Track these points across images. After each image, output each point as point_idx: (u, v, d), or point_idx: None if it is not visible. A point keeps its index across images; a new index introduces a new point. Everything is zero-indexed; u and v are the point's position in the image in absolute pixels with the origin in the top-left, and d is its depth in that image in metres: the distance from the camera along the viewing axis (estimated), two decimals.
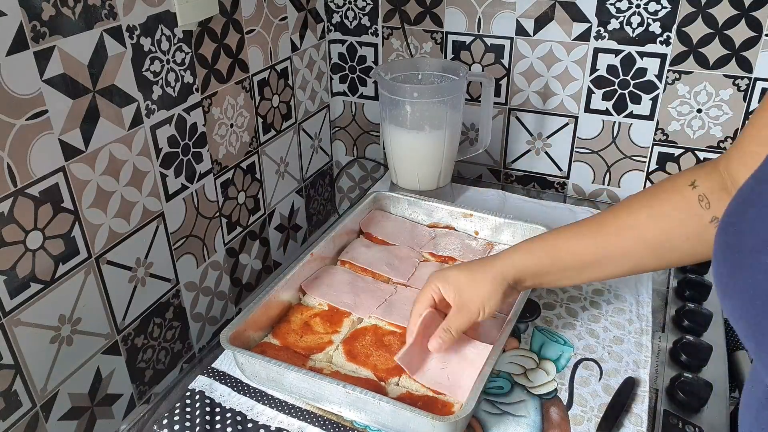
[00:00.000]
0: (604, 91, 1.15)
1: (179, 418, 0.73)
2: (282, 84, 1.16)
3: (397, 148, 1.14)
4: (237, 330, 0.76)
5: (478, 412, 0.74)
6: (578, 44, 1.13)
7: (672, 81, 1.10)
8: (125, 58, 0.80)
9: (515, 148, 1.28)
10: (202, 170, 0.98)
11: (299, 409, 0.74)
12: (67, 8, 0.71)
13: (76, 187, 0.77)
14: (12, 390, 0.73)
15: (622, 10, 1.08)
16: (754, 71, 1.04)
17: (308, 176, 1.32)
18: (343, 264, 0.95)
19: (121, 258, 0.86)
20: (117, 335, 0.87)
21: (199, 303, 1.04)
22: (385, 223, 1.04)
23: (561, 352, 0.82)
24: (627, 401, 0.74)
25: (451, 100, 1.08)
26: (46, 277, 0.75)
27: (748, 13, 1.00)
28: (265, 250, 1.21)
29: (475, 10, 1.17)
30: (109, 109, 0.79)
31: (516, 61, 1.19)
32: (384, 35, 1.26)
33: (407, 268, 0.94)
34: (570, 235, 0.73)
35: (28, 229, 0.72)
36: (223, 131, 1.02)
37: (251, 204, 1.13)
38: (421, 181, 1.15)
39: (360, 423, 0.72)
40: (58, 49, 0.71)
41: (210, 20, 0.93)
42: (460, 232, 1.02)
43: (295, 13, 1.16)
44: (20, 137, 0.69)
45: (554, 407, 0.75)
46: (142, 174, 0.86)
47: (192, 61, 0.92)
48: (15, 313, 0.72)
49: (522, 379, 0.79)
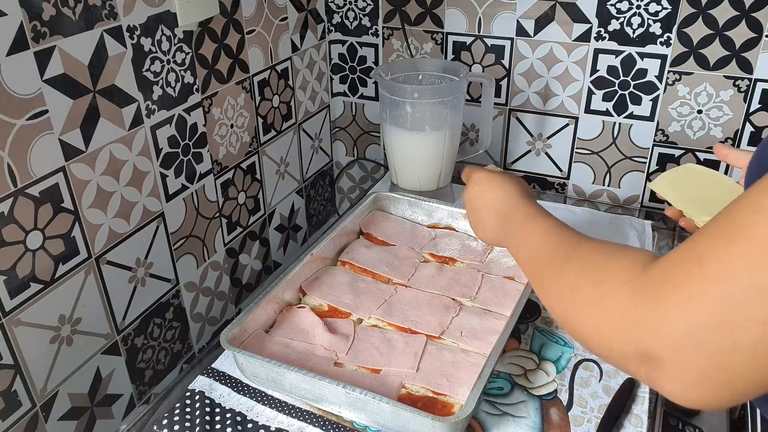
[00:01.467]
0: (605, 91, 1.15)
1: (179, 419, 0.73)
2: (282, 84, 1.16)
3: (398, 149, 1.14)
4: (237, 330, 0.76)
5: (478, 412, 0.74)
6: (579, 45, 1.13)
7: (672, 82, 1.10)
8: (125, 59, 0.80)
9: (515, 148, 1.28)
10: (202, 170, 0.98)
11: (299, 410, 0.74)
12: (68, 8, 0.71)
13: (76, 187, 0.77)
14: (12, 390, 0.73)
15: (623, 11, 1.08)
16: (754, 72, 1.04)
17: (308, 177, 1.32)
18: (344, 264, 0.95)
19: (121, 258, 0.85)
20: (117, 335, 0.87)
21: (199, 303, 1.04)
22: (385, 223, 1.04)
23: (561, 353, 0.82)
24: (627, 402, 0.74)
25: (451, 100, 1.08)
26: (46, 277, 0.75)
27: (749, 14, 1.00)
28: (265, 250, 1.21)
29: (475, 10, 1.17)
30: (110, 109, 0.79)
31: (516, 62, 1.19)
32: (384, 36, 1.26)
33: (407, 268, 0.94)
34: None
35: (28, 229, 0.72)
36: (224, 131, 1.02)
37: (251, 204, 1.13)
38: (422, 182, 1.15)
39: (360, 423, 0.72)
40: (58, 49, 0.71)
41: (210, 20, 0.93)
42: (461, 232, 1.02)
43: (295, 14, 1.16)
44: (20, 137, 0.69)
45: (554, 408, 0.75)
46: (142, 174, 0.86)
47: (192, 61, 0.92)
48: (15, 313, 0.72)
49: (522, 380, 0.79)
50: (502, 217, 0.75)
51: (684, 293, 0.40)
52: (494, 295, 0.88)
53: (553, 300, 0.55)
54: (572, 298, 0.51)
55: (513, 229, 0.71)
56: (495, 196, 0.77)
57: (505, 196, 0.76)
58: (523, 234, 0.68)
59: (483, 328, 0.82)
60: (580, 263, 0.53)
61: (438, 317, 0.84)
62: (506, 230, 0.73)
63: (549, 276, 0.57)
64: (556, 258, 0.58)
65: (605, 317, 0.46)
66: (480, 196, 0.79)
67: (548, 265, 0.59)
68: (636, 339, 0.43)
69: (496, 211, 0.76)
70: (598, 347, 0.48)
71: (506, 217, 0.74)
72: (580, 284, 0.51)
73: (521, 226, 0.69)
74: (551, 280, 0.56)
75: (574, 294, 0.51)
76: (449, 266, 0.95)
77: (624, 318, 0.44)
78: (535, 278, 0.61)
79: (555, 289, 0.55)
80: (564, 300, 0.52)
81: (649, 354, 0.42)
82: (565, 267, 0.55)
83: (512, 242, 0.70)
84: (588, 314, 0.48)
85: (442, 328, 0.82)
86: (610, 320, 0.45)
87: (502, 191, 0.76)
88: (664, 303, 0.41)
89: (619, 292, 0.45)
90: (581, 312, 0.49)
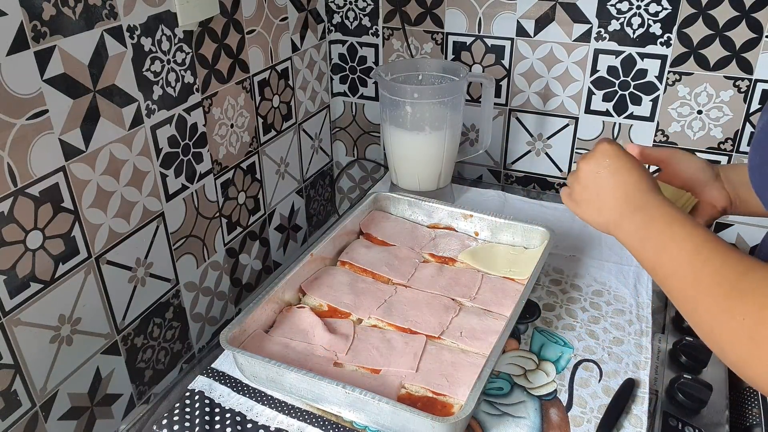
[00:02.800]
0: (605, 92, 1.15)
1: (179, 419, 0.73)
2: (282, 84, 1.16)
3: (398, 149, 1.14)
4: (237, 330, 0.76)
5: (477, 412, 0.74)
6: (579, 45, 1.13)
7: (672, 82, 1.10)
8: (126, 58, 0.80)
9: (515, 148, 1.28)
10: (202, 170, 0.98)
11: (299, 410, 0.74)
12: (68, 8, 0.71)
13: (76, 187, 0.77)
14: (12, 390, 0.73)
15: (623, 11, 1.08)
16: (754, 72, 1.04)
17: (308, 177, 1.32)
18: (343, 265, 0.95)
19: (121, 258, 0.85)
20: (117, 335, 0.87)
21: (199, 303, 1.04)
22: (385, 223, 1.04)
23: (561, 353, 0.82)
24: (627, 402, 0.74)
25: (451, 100, 1.08)
26: (46, 276, 0.75)
27: (749, 14, 1.00)
28: (265, 250, 1.21)
29: (475, 10, 1.17)
30: (110, 109, 0.79)
31: (516, 62, 1.19)
32: (384, 36, 1.26)
33: (407, 268, 0.94)
34: None
35: (28, 229, 0.72)
36: (224, 131, 1.02)
37: (251, 204, 1.13)
38: (421, 182, 1.15)
39: (359, 423, 0.72)
40: (58, 49, 0.71)
41: (210, 20, 0.93)
42: (460, 232, 1.02)
43: (295, 14, 1.16)
44: (20, 137, 0.69)
45: (554, 408, 0.75)
46: (142, 174, 0.86)
47: (192, 61, 0.92)
48: (15, 313, 0.72)
49: (522, 380, 0.79)
50: (634, 207, 0.64)
51: None
52: (494, 296, 0.88)
53: (725, 344, 0.49)
54: (754, 348, 0.46)
55: (651, 225, 0.61)
56: (630, 179, 0.65)
57: (641, 184, 0.65)
58: (666, 239, 0.59)
59: (483, 328, 0.82)
60: (758, 305, 0.47)
61: (438, 317, 0.84)
62: (638, 223, 0.63)
63: (713, 309, 0.51)
64: (723, 287, 0.50)
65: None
66: (608, 174, 0.67)
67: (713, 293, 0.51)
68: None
69: (627, 197, 0.65)
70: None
71: (642, 208, 0.63)
72: (763, 334, 0.45)
73: (663, 226, 0.60)
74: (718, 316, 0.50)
75: (755, 345, 0.46)
76: (449, 266, 0.95)
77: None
78: (687, 303, 0.55)
79: (726, 331, 0.49)
80: (741, 347, 0.47)
81: None
82: (738, 305, 0.48)
83: (646, 240, 0.61)
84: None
85: (442, 328, 0.82)
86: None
87: (638, 176, 0.65)
88: None
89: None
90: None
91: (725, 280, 0.50)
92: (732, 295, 0.49)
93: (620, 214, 0.65)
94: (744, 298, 0.48)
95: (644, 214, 0.62)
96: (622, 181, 0.66)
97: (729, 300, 0.49)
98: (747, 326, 0.46)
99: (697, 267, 0.54)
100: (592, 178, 0.68)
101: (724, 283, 0.50)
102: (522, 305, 0.80)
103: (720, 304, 0.50)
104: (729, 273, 0.51)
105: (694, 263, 0.54)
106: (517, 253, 0.95)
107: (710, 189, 0.77)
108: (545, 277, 0.97)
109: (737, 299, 0.48)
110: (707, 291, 0.51)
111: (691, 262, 0.54)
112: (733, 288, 0.49)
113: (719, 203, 0.76)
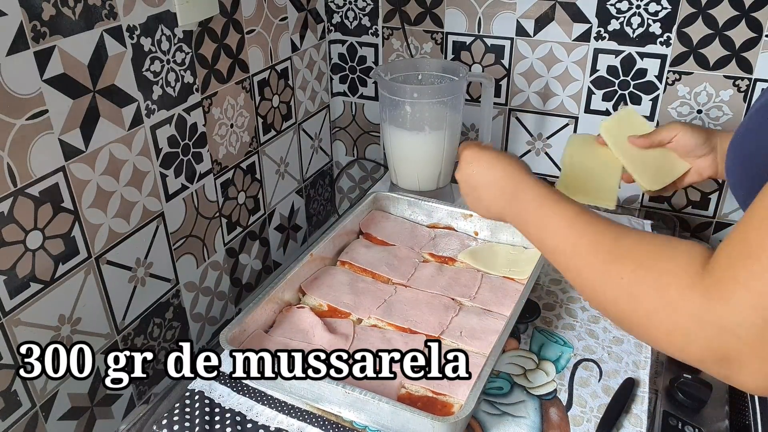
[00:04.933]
0: (604, 91, 1.15)
1: (179, 419, 0.73)
2: (282, 84, 1.16)
3: (397, 149, 1.14)
4: (237, 330, 0.76)
5: (477, 412, 0.74)
6: (578, 45, 1.13)
7: (672, 82, 1.10)
8: (125, 58, 0.80)
9: (515, 148, 1.28)
10: (202, 170, 0.98)
11: (299, 410, 0.74)
12: (68, 8, 0.71)
13: (76, 187, 0.77)
14: (12, 390, 0.73)
15: (623, 11, 1.07)
16: (754, 72, 1.04)
17: (308, 176, 1.32)
18: (343, 264, 0.95)
19: (121, 258, 0.85)
20: (117, 335, 0.87)
21: (199, 303, 1.04)
22: (384, 223, 1.04)
23: (560, 353, 0.82)
24: (626, 402, 0.74)
25: (451, 100, 1.08)
26: (46, 277, 0.75)
27: (749, 14, 1.00)
28: (265, 250, 1.21)
29: (475, 10, 1.17)
30: (109, 109, 0.79)
31: (516, 62, 1.19)
32: (384, 35, 1.26)
33: (407, 268, 0.94)
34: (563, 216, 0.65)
35: (28, 229, 0.72)
36: (223, 131, 1.02)
37: (251, 204, 1.13)
38: (421, 182, 1.15)
39: (359, 423, 0.72)
40: (58, 49, 0.71)
41: (210, 20, 0.93)
42: (460, 232, 1.03)
43: (295, 14, 1.16)
44: (20, 137, 0.69)
45: (554, 408, 0.75)
46: (142, 174, 0.87)
47: (192, 61, 0.92)
48: (15, 313, 0.72)
49: (522, 380, 0.79)
50: (510, 196, 0.70)
51: (754, 290, 0.41)
52: (494, 295, 0.88)
53: (608, 304, 0.53)
54: (634, 304, 0.50)
55: (527, 209, 0.67)
56: (497, 174, 0.72)
57: (509, 174, 0.71)
58: (542, 218, 0.64)
59: (482, 327, 0.82)
60: (632, 265, 0.51)
61: (438, 317, 0.84)
62: (516, 209, 0.69)
63: (593, 275, 0.55)
64: (599, 255, 0.55)
65: (677, 323, 0.46)
66: (479, 175, 0.74)
67: (591, 261, 0.55)
68: (715, 342, 0.43)
69: (501, 189, 0.72)
70: (670, 351, 0.48)
71: (516, 196, 0.69)
72: (641, 290, 0.49)
73: (537, 208, 0.65)
74: (599, 281, 0.54)
75: (634, 300, 0.50)
76: (449, 266, 0.95)
77: (698, 323, 0.44)
78: (570, 272, 0.59)
79: (608, 292, 0.53)
80: (622, 305, 0.51)
81: (729, 353, 0.43)
82: (615, 268, 0.52)
83: (528, 223, 0.67)
84: (657, 321, 0.48)
85: (442, 328, 0.82)
86: (684, 326, 0.46)
87: (503, 169, 0.72)
88: (736, 302, 0.42)
89: (687, 297, 0.45)
90: (648, 318, 0.48)
91: (601, 248, 0.55)
92: (609, 260, 0.53)
93: (501, 207, 0.72)
94: (620, 261, 0.52)
95: (518, 201, 0.69)
96: (491, 179, 0.73)
97: (606, 264, 0.53)
98: (625, 285, 0.50)
99: (574, 239, 0.58)
100: (469, 184, 0.76)
101: (600, 250, 0.55)
102: (522, 305, 0.80)
103: (599, 268, 0.54)
104: (604, 240, 0.55)
105: (570, 236, 0.59)
106: (516, 253, 0.95)
107: (702, 161, 0.87)
108: (545, 276, 0.97)
109: (614, 263, 0.53)
110: (586, 259, 0.56)
111: (568, 236, 0.59)
112: (609, 253, 0.54)
113: (705, 173, 0.87)
